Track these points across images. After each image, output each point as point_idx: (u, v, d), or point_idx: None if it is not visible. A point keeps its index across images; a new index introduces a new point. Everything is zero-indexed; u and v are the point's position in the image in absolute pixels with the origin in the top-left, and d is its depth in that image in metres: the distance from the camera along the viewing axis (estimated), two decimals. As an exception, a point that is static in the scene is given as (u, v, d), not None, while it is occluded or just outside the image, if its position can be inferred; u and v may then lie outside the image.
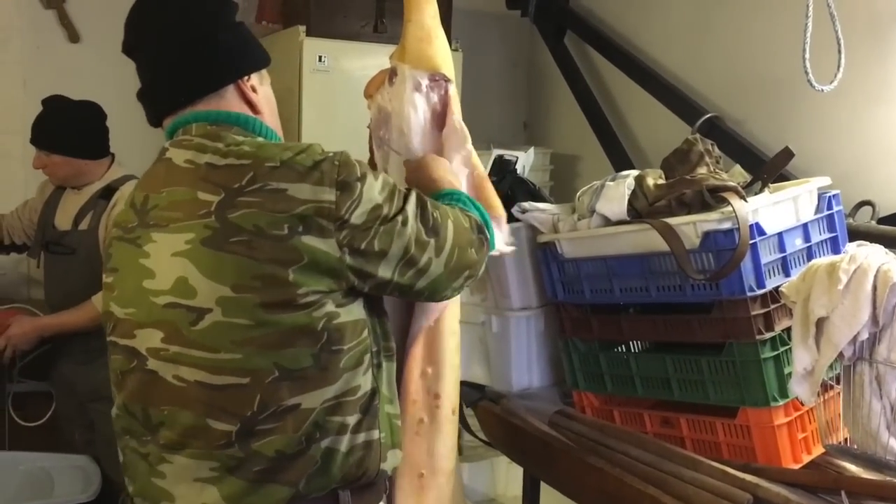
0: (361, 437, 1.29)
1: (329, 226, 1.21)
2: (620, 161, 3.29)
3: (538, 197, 2.32)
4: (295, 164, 1.22)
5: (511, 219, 2.17)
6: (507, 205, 2.20)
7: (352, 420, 1.27)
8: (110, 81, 3.37)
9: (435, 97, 1.67)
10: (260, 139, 1.33)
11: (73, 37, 3.31)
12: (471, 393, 2.33)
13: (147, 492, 1.30)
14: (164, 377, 1.25)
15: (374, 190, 1.26)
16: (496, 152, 2.56)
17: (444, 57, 1.68)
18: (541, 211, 2.08)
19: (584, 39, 3.58)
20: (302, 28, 3.11)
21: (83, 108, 2.55)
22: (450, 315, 1.62)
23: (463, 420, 2.43)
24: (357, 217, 1.23)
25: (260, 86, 1.41)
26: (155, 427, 1.27)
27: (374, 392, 1.32)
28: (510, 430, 2.13)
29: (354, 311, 1.29)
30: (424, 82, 1.65)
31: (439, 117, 1.69)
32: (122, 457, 1.36)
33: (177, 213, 1.24)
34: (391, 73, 1.67)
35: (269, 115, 1.42)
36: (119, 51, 1.38)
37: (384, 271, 1.28)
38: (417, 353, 1.58)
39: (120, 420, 1.34)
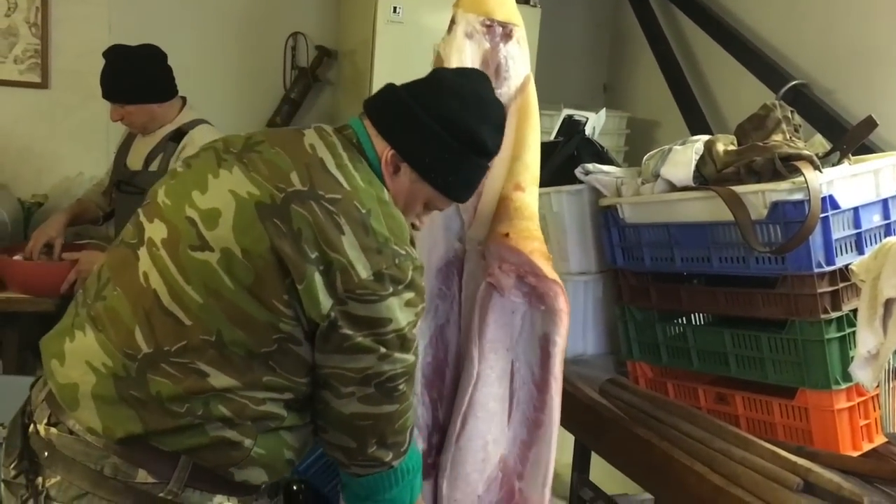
0: (230, 435, 1.26)
1: (339, 286, 1.22)
2: (699, 128, 3.16)
3: (605, 159, 2.25)
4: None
5: (575, 180, 2.12)
6: (572, 166, 2.16)
7: (235, 420, 1.25)
8: (191, 27, 3.46)
9: (487, 44, 1.62)
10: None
11: (159, -19, 3.35)
12: (524, 355, 2.29)
13: (50, 345, 1.33)
14: (138, 267, 1.28)
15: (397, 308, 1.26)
16: (566, 112, 2.48)
17: (501, 2, 1.63)
18: (605, 173, 2.01)
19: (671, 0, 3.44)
20: (379, -22, 3.07)
21: (143, 53, 2.57)
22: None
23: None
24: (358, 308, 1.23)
25: None
26: (100, 297, 1.30)
27: (276, 417, 1.29)
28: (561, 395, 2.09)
29: (311, 354, 1.28)
30: (477, 27, 1.60)
31: (491, 65, 1.64)
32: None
33: (265, 170, 1.28)
34: (451, 21, 1.63)
35: None
36: None
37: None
38: None
39: (90, 277, 1.37)
